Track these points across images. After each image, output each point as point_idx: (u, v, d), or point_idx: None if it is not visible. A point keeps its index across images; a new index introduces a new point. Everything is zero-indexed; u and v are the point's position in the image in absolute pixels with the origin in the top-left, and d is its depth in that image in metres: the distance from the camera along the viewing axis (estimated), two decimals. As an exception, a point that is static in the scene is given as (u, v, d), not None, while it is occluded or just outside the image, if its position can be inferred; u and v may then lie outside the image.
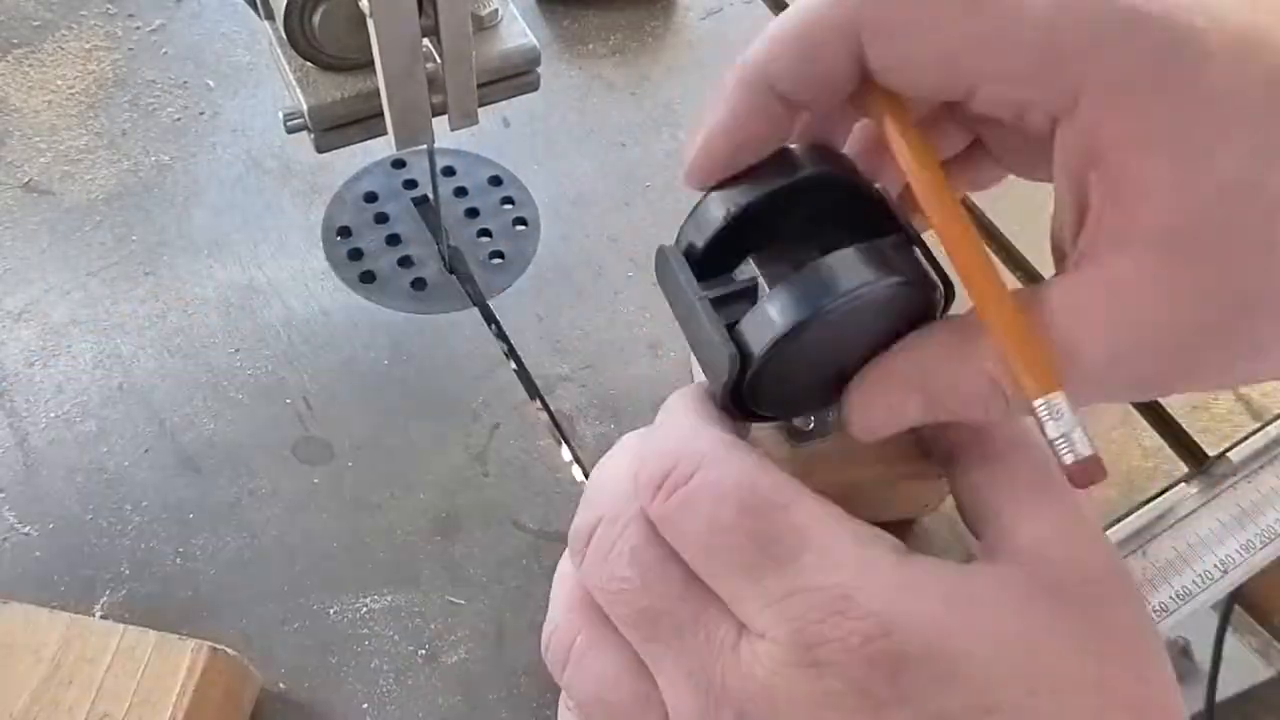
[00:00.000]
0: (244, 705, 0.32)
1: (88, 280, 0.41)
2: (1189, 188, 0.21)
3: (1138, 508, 0.40)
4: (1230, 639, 0.83)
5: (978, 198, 0.49)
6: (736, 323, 0.25)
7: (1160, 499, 0.41)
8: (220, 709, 0.30)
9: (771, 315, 0.24)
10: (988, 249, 0.24)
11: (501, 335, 0.42)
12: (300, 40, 0.33)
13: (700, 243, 0.26)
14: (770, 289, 0.25)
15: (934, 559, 0.23)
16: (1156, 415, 0.43)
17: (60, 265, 0.41)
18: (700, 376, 0.31)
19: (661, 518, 0.25)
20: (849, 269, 0.23)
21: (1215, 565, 0.40)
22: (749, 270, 0.26)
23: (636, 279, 0.44)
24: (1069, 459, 0.22)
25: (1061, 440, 0.22)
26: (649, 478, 0.25)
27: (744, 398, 0.26)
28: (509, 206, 0.46)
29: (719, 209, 0.26)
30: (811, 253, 0.25)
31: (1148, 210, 0.21)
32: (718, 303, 0.25)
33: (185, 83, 0.48)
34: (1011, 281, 0.47)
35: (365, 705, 0.33)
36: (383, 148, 0.44)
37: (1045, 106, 0.22)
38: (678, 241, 0.27)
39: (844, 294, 0.23)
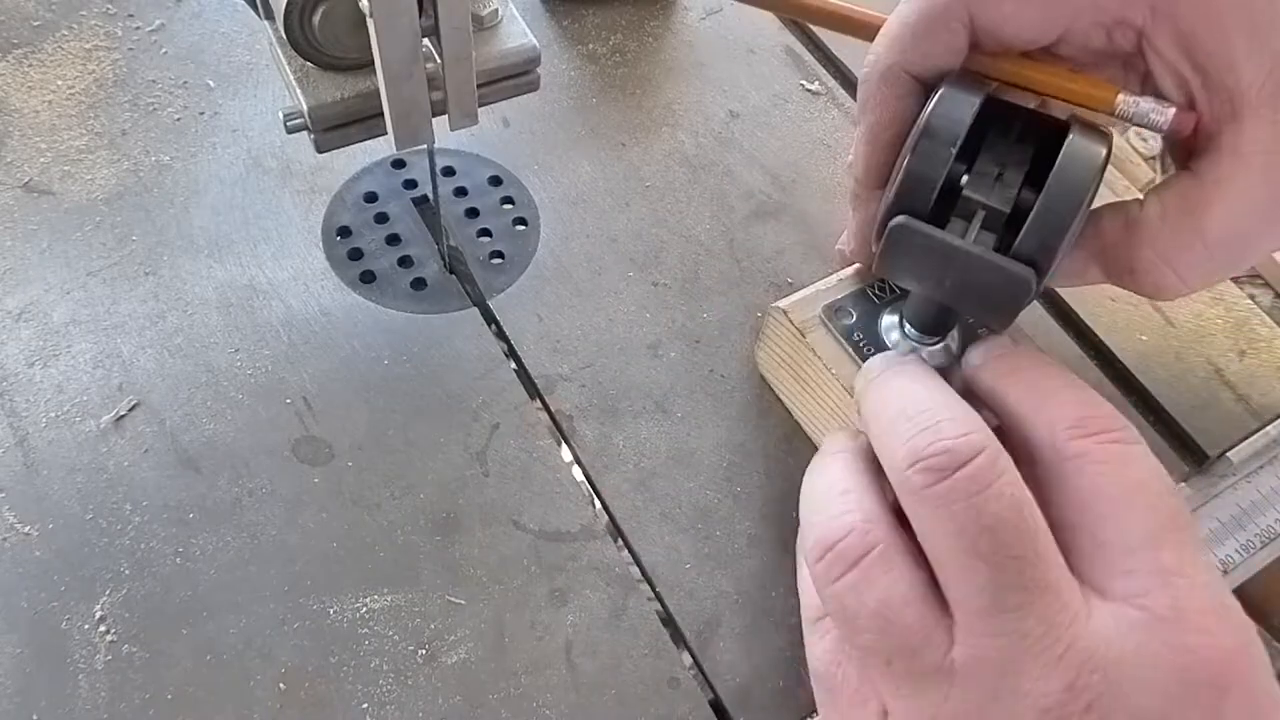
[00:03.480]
0: None
1: (88, 280, 0.41)
2: (1263, 52, 0.27)
3: (1138, 508, 0.40)
4: (1230, 639, 0.83)
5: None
6: (1007, 249, 0.28)
7: (1160, 499, 0.41)
8: None
9: (1047, 222, 0.27)
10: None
11: (501, 335, 0.42)
12: (300, 40, 0.33)
13: (924, 205, 0.29)
14: (1015, 210, 0.28)
15: None
16: (1156, 415, 0.43)
17: (60, 265, 0.41)
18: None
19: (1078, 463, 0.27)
20: (1081, 155, 0.28)
21: (1215, 565, 0.40)
22: (970, 204, 0.29)
23: (636, 279, 0.44)
24: (1163, 121, 0.29)
25: (1151, 113, 0.29)
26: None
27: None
28: (509, 206, 0.46)
29: (933, 167, 0.29)
30: (1012, 171, 0.29)
31: (1242, 78, 0.27)
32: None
33: (185, 83, 0.48)
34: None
35: (365, 705, 0.33)
36: (383, 148, 0.45)
37: (1132, 20, 0.29)
38: (892, 216, 0.29)
39: (1090, 180, 0.27)
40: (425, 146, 0.36)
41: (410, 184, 0.46)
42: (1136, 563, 0.25)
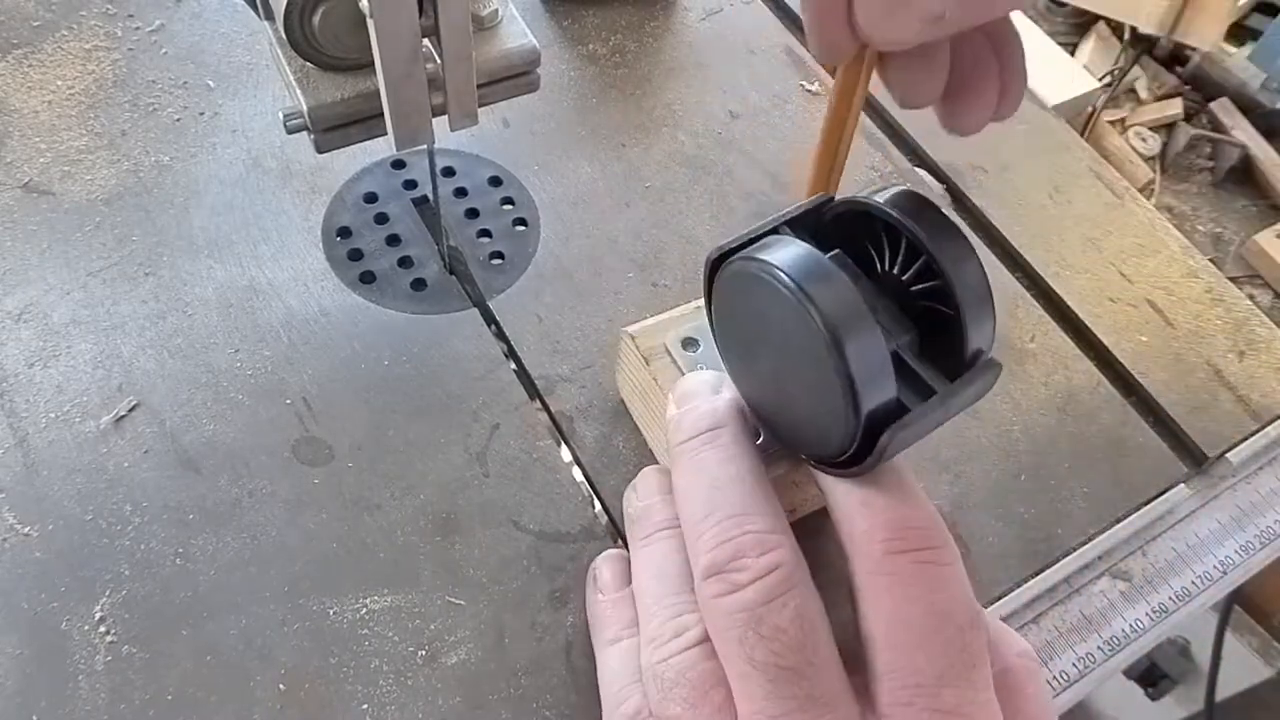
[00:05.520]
0: None
1: (88, 280, 0.41)
2: None
3: (1138, 508, 0.40)
4: (1230, 639, 0.83)
5: (978, 198, 0.49)
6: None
7: (1160, 499, 0.41)
8: None
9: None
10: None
11: (501, 335, 0.42)
12: (300, 40, 0.33)
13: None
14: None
15: None
16: (1156, 416, 0.43)
17: (60, 265, 0.41)
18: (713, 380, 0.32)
19: (879, 578, 0.27)
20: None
21: (1215, 566, 0.40)
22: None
23: (636, 279, 0.44)
24: None
25: None
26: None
27: None
28: (509, 207, 0.46)
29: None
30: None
31: None
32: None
33: (185, 83, 0.48)
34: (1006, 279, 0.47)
35: (365, 706, 0.33)
36: (383, 148, 0.44)
37: None
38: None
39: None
40: (425, 147, 0.36)
41: (410, 184, 0.46)
42: (917, 697, 0.25)
